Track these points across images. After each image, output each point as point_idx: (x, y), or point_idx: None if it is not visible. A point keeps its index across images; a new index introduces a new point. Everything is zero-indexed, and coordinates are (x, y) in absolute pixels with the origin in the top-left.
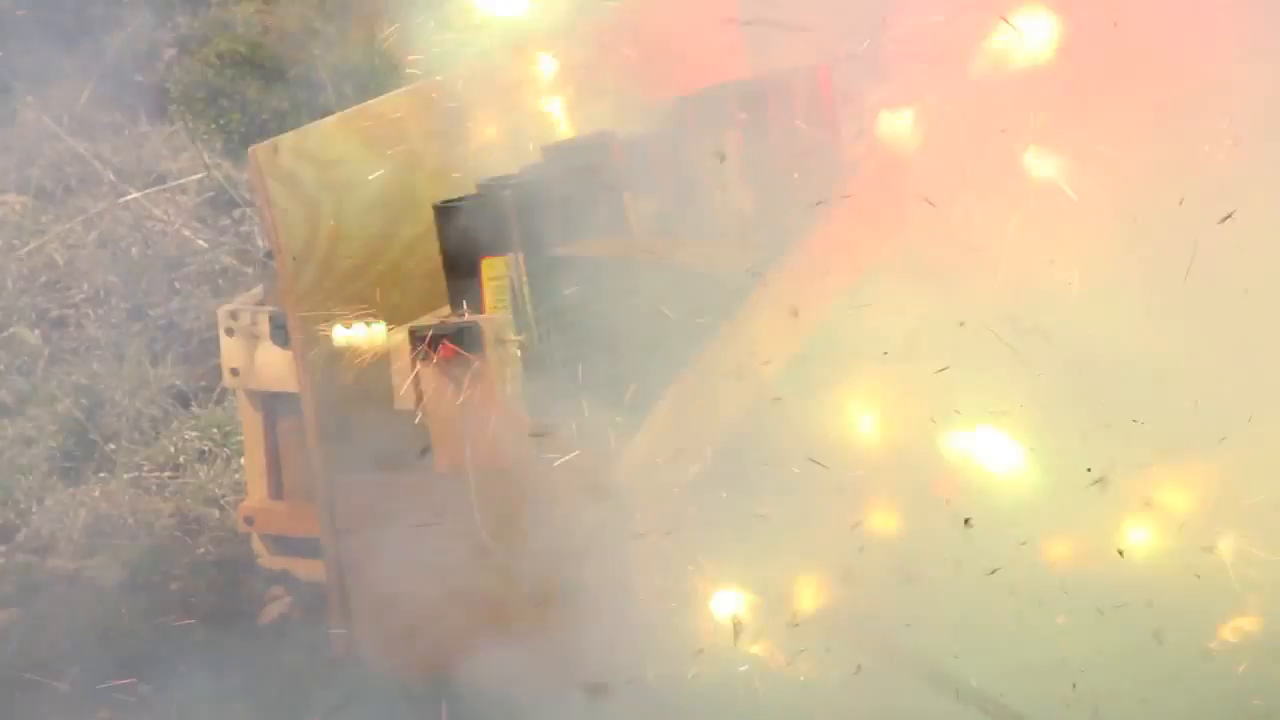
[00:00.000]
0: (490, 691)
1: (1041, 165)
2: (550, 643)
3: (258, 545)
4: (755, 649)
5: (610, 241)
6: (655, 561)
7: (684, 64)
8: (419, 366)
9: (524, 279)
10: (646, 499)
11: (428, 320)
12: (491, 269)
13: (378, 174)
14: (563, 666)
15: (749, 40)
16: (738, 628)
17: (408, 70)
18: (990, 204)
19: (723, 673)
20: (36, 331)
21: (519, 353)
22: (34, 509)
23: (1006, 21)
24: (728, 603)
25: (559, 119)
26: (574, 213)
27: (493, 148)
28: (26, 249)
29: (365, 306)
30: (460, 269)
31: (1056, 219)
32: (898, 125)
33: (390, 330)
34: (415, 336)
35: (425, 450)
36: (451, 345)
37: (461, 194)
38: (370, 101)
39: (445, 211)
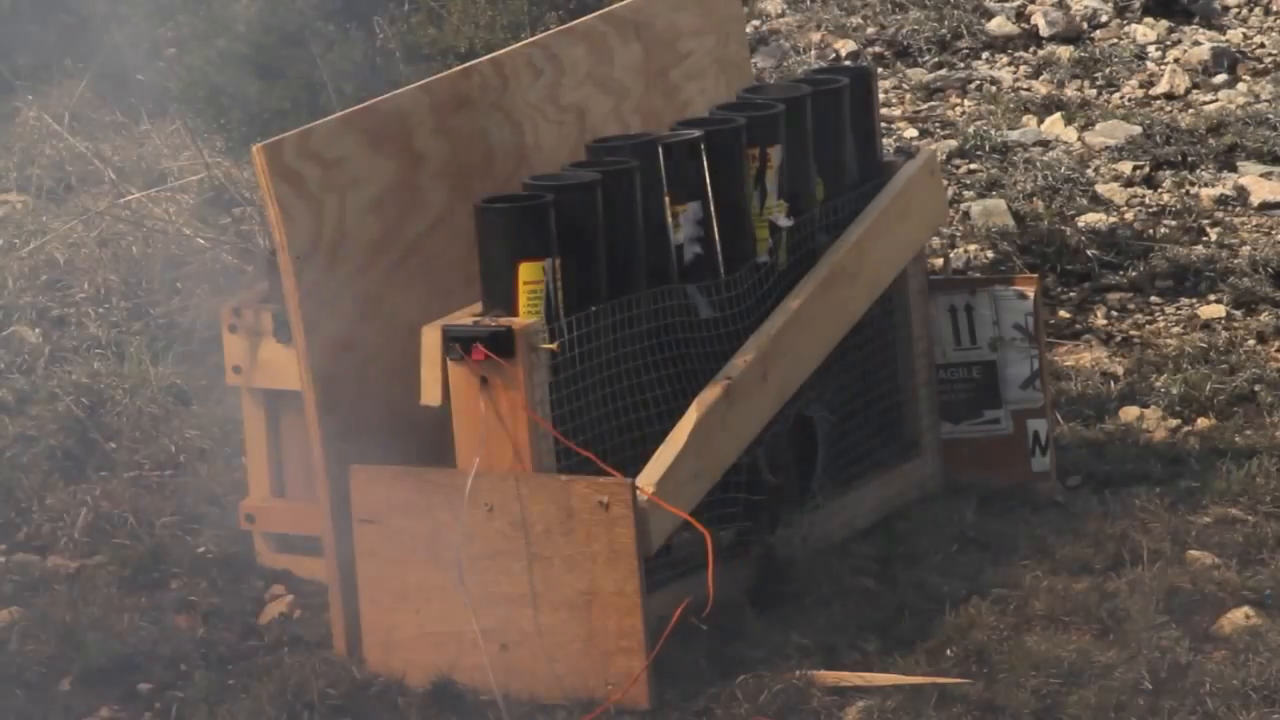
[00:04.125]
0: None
1: None
2: (554, 651)
3: (259, 544)
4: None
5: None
6: (668, 574)
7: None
8: (449, 366)
9: (559, 285)
10: (667, 511)
11: (461, 320)
12: (528, 274)
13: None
14: (565, 677)
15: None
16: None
17: None
18: None
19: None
20: (37, 330)
21: (550, 360)
22: (34, 507)
23: None
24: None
25: None
26: (614, 217)
27: None
28: (27, 248)
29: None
30: (497, 270)
31: None
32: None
33: (424, 328)
34: (448, 337)
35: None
36: (484, 348)
37: (504, 194)
38: (373, 101)
39: (486, 212)
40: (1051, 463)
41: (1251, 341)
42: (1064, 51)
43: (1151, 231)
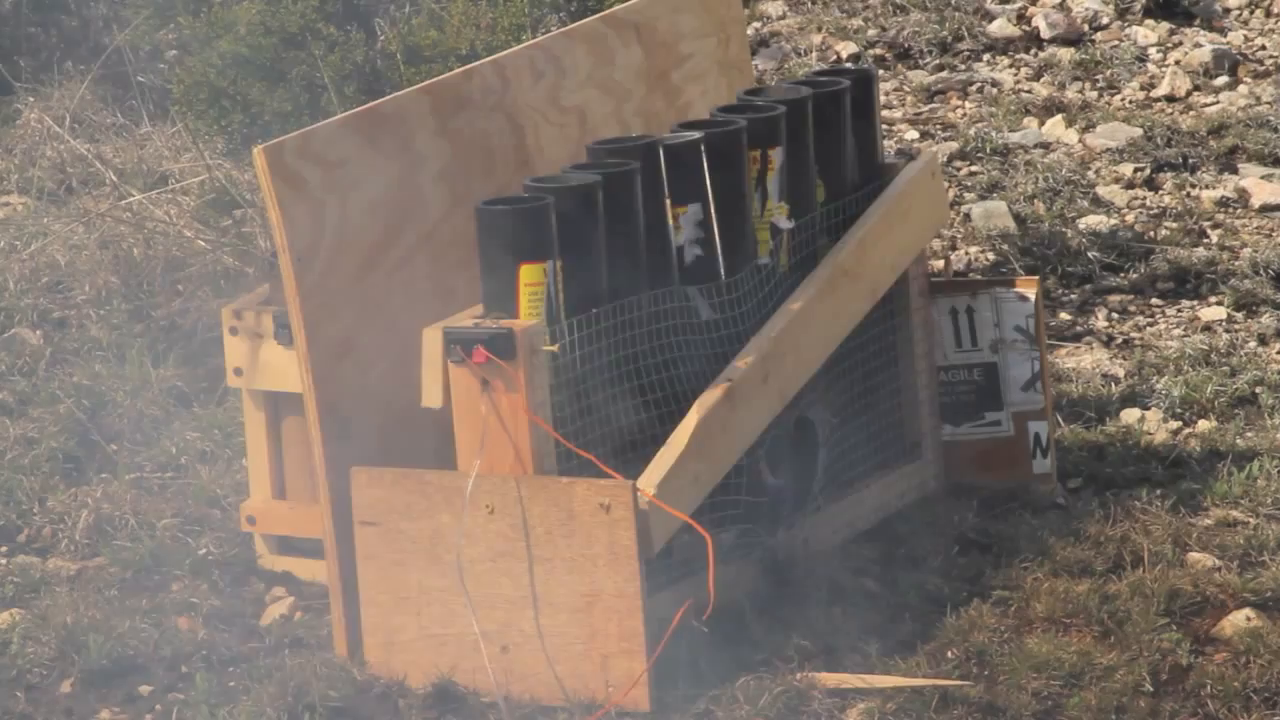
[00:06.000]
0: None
1: None
2: (555, 653)
3: (259, 546)
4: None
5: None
6: (670, 577)
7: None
8: (450, 368)
9: (560, 287)
10: (668, 513)
11: (462, 322)
12: (529, 275)
13: (383, 176)
14: (566, 679)
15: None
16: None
17: None
18: None
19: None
20: (38, 332)
21: (550, 361)
22: (35, 509)
23: None
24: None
25: None
26: (615, 219)
27: None
28: (28, 250)
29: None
30: (498, 272)
31: None
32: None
33: (425, 330)
34: (449, 339)
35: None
36: (485, 350)
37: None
38: (374, 103)
39: (487, 213)
40: (1052, 464)
41: (1252, 344)
42: (1065, 54)
43: (1152, 233)
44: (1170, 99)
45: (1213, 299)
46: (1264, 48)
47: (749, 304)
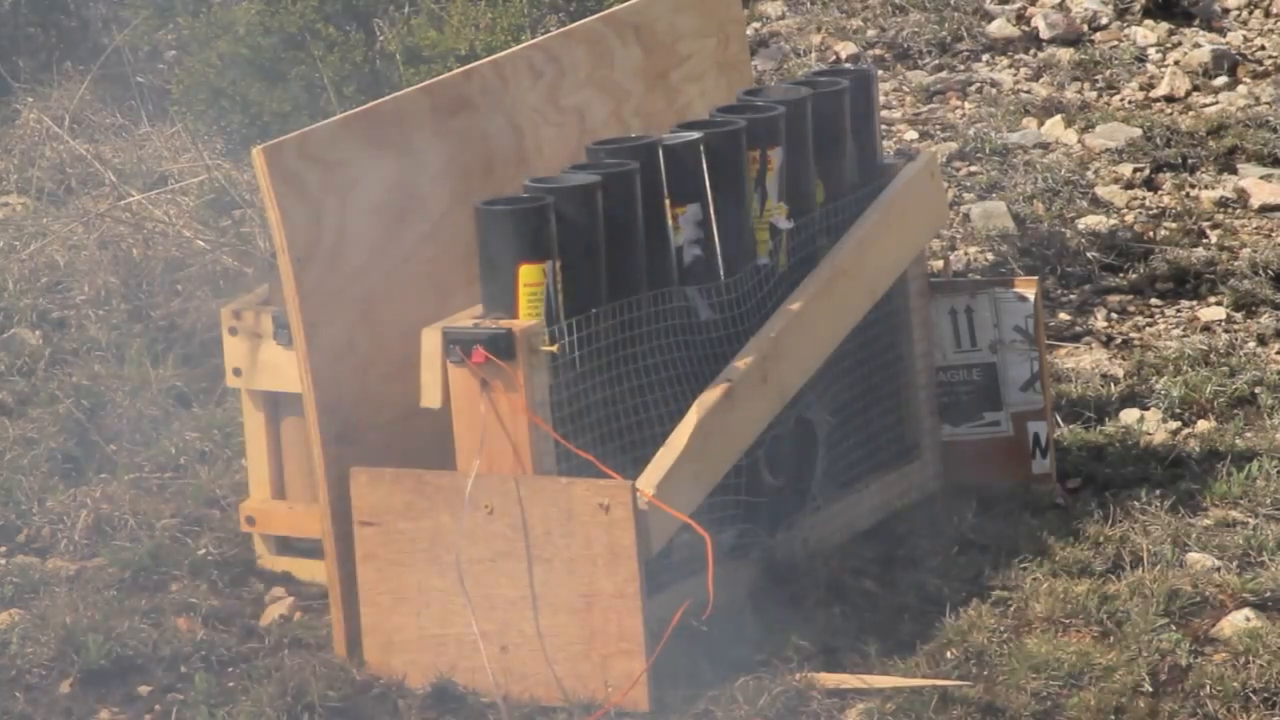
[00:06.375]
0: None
1: None
2: (554, 653)
3: (259, 546)
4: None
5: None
6: (669, 578)
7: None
8: (449, 369)
9: (559, 287)
10: (667, 514)
11: (461, 322)
12: (529, 275)
13: (384, 176)
14: (566, 679)
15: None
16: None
17: None
18: None
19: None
20: (37, 332)
21: (550, 362)
22: (35, 509)
23: None
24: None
25: None
26: (614, 220)
27: None
28: (28, 250)
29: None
30: (497, 272)
31: None
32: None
33: (424, 330)
34: (448, 339)
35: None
36: (484, 350)
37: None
38: (374, 103)
39: (486, 214)
40: (1051, 465)
41: (1251, 344)
42: (1064, 54)
43: (1151, 234)
44: (1169, 99)
45: (1212, 299)
46: (1263, 48)
47: (748, 304)
